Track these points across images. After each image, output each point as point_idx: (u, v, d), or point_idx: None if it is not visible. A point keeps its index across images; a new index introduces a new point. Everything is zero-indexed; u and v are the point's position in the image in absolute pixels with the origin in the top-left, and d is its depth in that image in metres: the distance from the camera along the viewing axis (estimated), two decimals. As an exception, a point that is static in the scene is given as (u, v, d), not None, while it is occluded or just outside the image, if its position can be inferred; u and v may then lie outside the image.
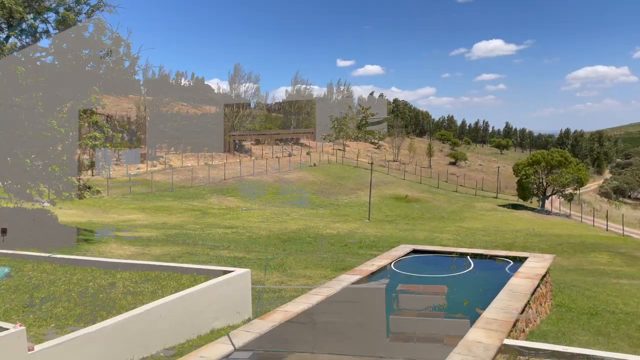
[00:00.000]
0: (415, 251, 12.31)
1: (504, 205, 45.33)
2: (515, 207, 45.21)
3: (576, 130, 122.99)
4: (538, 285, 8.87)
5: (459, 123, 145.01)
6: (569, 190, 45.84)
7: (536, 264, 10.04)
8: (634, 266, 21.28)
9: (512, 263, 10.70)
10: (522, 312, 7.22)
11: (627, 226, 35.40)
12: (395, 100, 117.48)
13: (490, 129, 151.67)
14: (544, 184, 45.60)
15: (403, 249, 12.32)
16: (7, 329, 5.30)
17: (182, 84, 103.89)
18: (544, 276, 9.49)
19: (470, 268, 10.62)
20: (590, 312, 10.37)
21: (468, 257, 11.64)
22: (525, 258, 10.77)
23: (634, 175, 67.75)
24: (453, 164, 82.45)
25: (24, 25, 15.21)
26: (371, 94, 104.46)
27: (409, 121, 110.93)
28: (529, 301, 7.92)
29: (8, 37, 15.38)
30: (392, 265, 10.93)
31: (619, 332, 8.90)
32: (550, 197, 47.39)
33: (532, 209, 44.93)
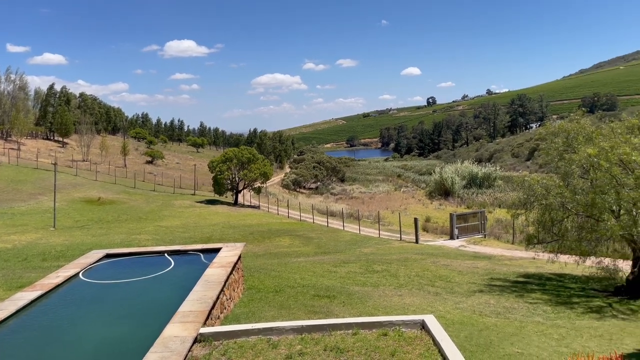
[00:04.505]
0: (109, 256, 11.53)
1: (201, 201, 46.93)
2: (211, 202, 47.36)
3: (262, 130, 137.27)
4: (231, 273, 9.51)
5: (154, 121, 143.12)
6: (257, 184, 50.74)
7: (229, 253, 10.74)
8: (308, 245, 25.13)
9: (207, 255, 11.16)
10: (216, 300, 7.60)
11: (303, 212, 41.52)
12: (82, 95, 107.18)
13: (186, 128, 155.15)
14: (237, 179, 49.26)
15: (94, 255, 11.38)
16: None
17: None
18: (235, 263, 10.22)
19: (171, 266, 10.59)
20: (276, 289, 11.74)
21: (166, 254, 11.59)
22: (220, 249, 11.39)
23: (307, 168, 79.95)
24: (150, 162, 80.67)
25: None
26: (52, 85, 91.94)
27: (99, 118, 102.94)
28: (222, 289, 8.40)
29: None
30: (81, 274, 9.95)
31: (297, 303, 10.34)
32: (242, 191, 51.54)
33: (227, 203, 47.96)
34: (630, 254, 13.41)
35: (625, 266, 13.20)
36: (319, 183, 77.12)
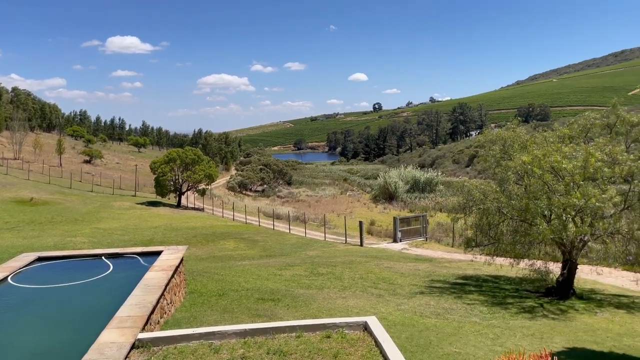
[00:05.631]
0: (41, 259, 10.93)
1: (142, 203, 45.41)
2: (153, 204, 45.95)
3: (207, 130, 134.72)
4: (172, 276, 9.25)
5: (93, 119, 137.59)
6: (201, 186, 49.73)
7: (170, 256, 10.45)
8: (254, 249, 24.89)
9: (148, 258, 10.81)
10: (156, 305, 7.37)
11: (249, 215, 41.09)
12: (15, 89, 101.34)
13: (127, 127, 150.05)
14: (180, 180, 48.05)
15: (25, 258, 10.75)
16: None
17: None
18: (177, 267, 9.96)
19: (109, 269, 10.18)
20: (219, 293, 11.53)
21: (104, 257, 11.13)
22: (161, 252, 11.07)
23: (254, 171, 79.22)
24: (88, 162, 77.27)
25: None
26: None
27: (33, 114, 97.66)
28: (163, 293, 8.16)
29: None
30: (10, 278, 9.37)
31: (241, 307, 10.21)
32: (186, 193, 50.37)
33: (170, 205, 46.69)
34: (560, 257, 14.21)
35: (555, 268, 13.96)
36: (265, 186, 76.60)
